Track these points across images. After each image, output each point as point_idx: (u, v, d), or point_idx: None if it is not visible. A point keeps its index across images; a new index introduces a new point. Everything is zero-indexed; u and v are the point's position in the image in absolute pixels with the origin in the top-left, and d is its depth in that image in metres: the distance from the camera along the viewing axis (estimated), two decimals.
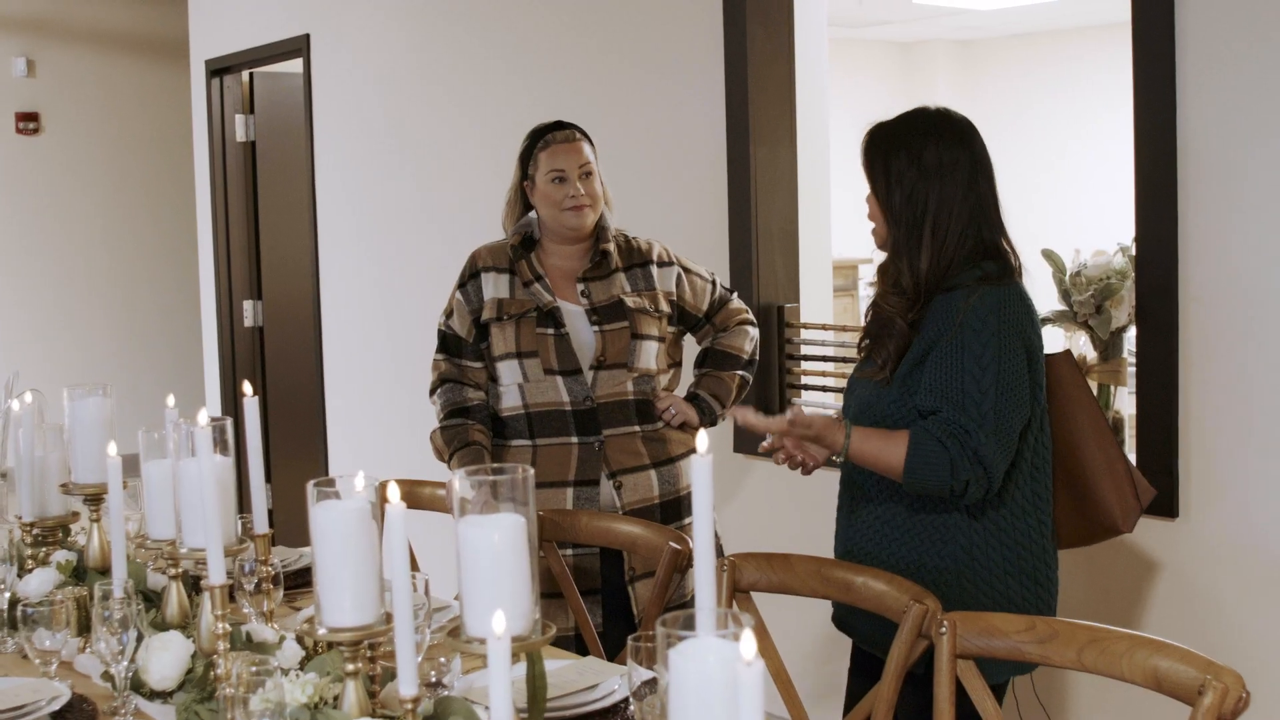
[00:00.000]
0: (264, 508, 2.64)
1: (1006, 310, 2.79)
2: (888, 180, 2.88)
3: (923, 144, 2.87)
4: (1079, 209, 10.08)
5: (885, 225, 2.91)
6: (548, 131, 3.67)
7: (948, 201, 2.84)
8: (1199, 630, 3.52)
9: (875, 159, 2.92)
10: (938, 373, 2.79)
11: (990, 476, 2.76)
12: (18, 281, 9.56)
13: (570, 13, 5.31)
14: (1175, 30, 3.48)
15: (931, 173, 2.85)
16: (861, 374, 2.98)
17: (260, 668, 2.05)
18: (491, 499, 1.91)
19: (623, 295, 3.63)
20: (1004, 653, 2.43)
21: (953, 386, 2.77)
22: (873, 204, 2.94)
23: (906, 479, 2.80)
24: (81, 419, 3.13)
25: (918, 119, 2.94)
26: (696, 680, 1.40)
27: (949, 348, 2.78)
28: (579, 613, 3.33)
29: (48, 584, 2.93)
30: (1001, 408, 2.75)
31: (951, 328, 2.79)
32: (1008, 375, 2.77)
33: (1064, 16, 10.58)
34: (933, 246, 2.84)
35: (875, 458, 2.84)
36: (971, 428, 2.74)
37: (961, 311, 2.78)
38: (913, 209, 2.85)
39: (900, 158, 2.87)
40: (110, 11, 9.84)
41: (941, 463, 2.74)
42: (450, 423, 3.62)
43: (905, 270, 2.87)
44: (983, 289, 2.80)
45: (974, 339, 2.77)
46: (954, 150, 2.87)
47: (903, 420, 2.85)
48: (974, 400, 2.75)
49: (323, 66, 6.81)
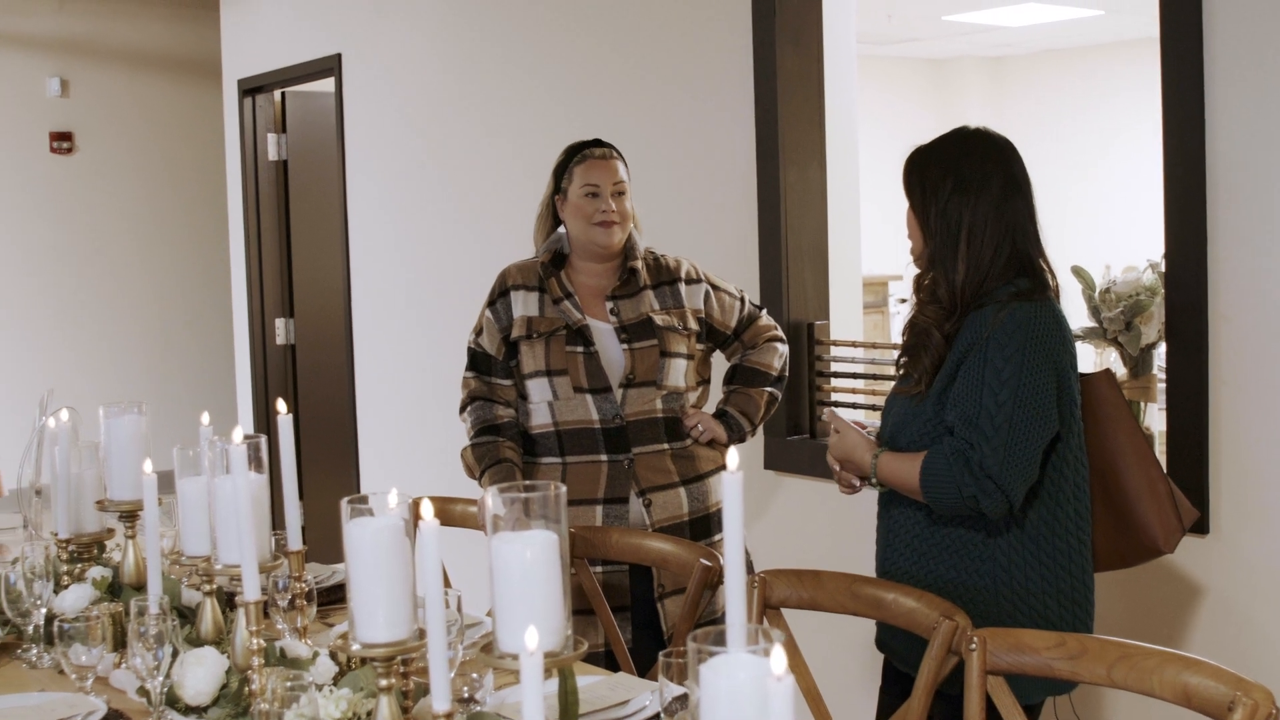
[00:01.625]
0: (297, 524, 2.66)
1: (1035, 326, 2.80)
2: (924, 195, 2.92)
3: (959, 160, 2.89)
4: (1109, 225, 10.06)
5: (922, 239, 2.94)
6: (585, 147, 3.70)
7: (982, 216, 2.86)
8: (1230, 647, 3.51)
9: (913, 175, 2.95)
10: (960, 388, 2.81)
11: (1005, 491, 2.76)
12: (51, 300, 9.63)
13: (601, 32, 5.33)
14: (1204, 46, 3.47)
15: (966, 188, 2.87)
16: (900, 390, 3.00)
17: (295, 683, 2.07)
18: (524, 515, 1.92)
19: (651, 313, 3.64)
20: (1034, 669, 2.43)
21: (970, 401, 2.78)
22: (911, 220, 2.97)
23: (925, 499, 2.84)
24: (117, 436, 3.16)
25: (956, 137, 2.98)
26: (728, 696, 1.41)
27: (974, 363, 2.80)
28: (610, 629, 3.34)
29: (83, 600, 2.96)
30: (1017, 422, 2.75)
31: (979, 343, 2.80)
32: (1027, 390, 2.76)
33: (1094, 33, 10.58)
34: (968, 259, 2.86)
35: (900, 480, 2.90)
36: (977, 441, 2.75)
37: (990, 326, 2.80)
38: (947, 222, 2.88)
39: (935, 173, 2.90)
40: (143, 32, 9.92)
41: (948, 480, 2.78)
42: (481, 440, 3.63)
43: (942, 282, 2.89)
44: (1014, 305, 2.81)
45: (997, 353, 2.78)
46: (988, 166, 2.89)
47: (936, 437, 2.87)
48: (988, 414, 2.76)
49: (354, 86, 6.85)
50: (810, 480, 4.60)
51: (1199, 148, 3.50)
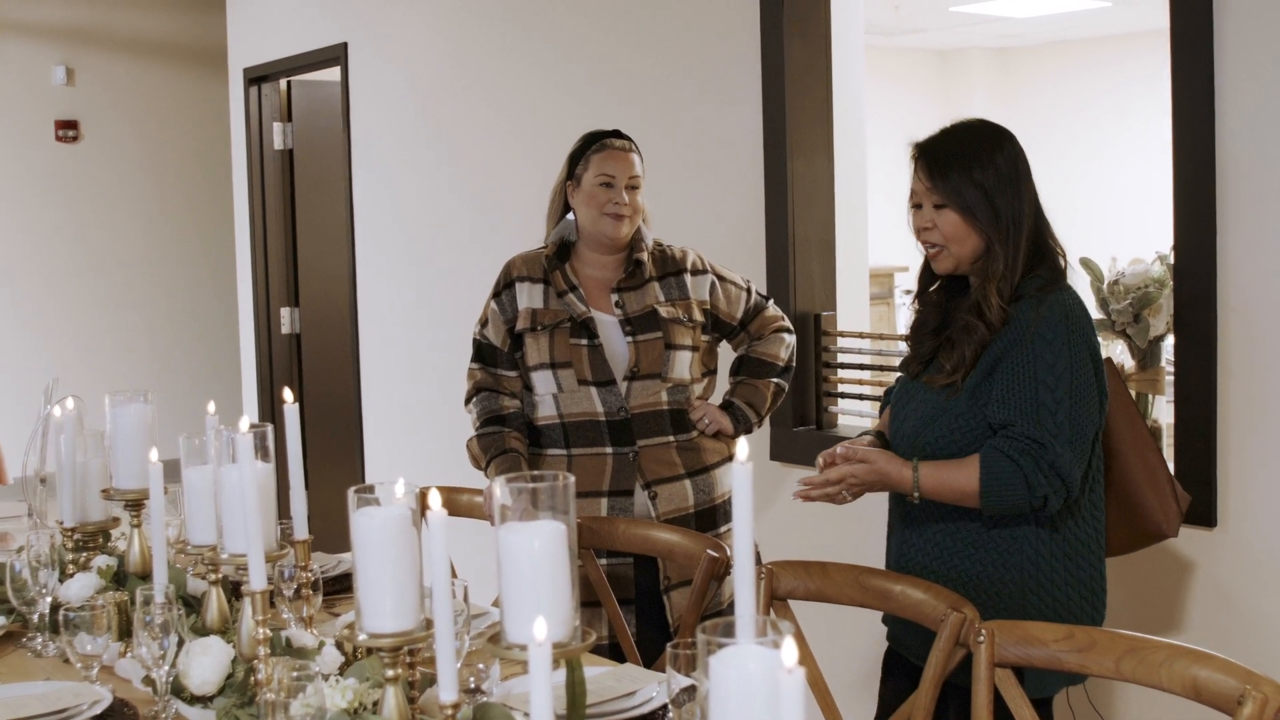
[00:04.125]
0: (304, 514, 2.65)
1: (1074, 318, 2.81)
2: (966, 193, 2.86)
3: (991, 153, 2.88)
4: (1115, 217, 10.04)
5: (982, 242, 2.88)
6: (605, 136, 3.69)
7: (1028, 208, 2.87)
8: (1238, 640, 3.50)
9: (949, 173, 2.88)
10: (1010, 384, 2.79)
11: (1069, 486, 2.76)
12: (56, 288, 9.63)
13: (609, 23, 5.32)
14: (1214, 38, 3.46)
15: (1008, 179, 2.86)
16: (929, 380, 2.95)
17: (302, 673, 2.06)
18: (530, 506, 1.91)
19: (656, 305, 3.63)
20: (1042, 661, 2.43)
21: (1026, 398, 2.76)
22: (957, 223, 2.89)
23: (985, 503, 2.78)
24: (123, 425, 3.15)
25: (974, 131, 2.95)
26: (737, 687, 1.41)
27: (1022, 359, 2.78)
28: (616, 620, 3.33)
29: (88, 589, 2.95)
30: (1075, 417, 2.76)
31: (1022, 339, 2.79)
32: (1080, 384, 2.77)
33: (1101, 24, 10.56)
34: (1025, 251, 2.85)
35: (949, 489, 2.83)
36: (1046, 440, 2.74)
37: (1033, 322, 2.79)
38: (1015, 220, 2.85)
39: (977, 170, 2.86)
40: (149, 20, 9.91)
41: (1016, 481, 2.74)
42: (487, 431, 3.63)
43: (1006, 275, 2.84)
44: (1049, 298, 2.82)
45: (1046, 349, 2.77)
46: (1014, 156, 2.89)
47: (971, 432, 2.85)
48: (1049, 411, 2.75)
49: (360, 74, 6.84)
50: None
51: (1209, 139, 3.49)
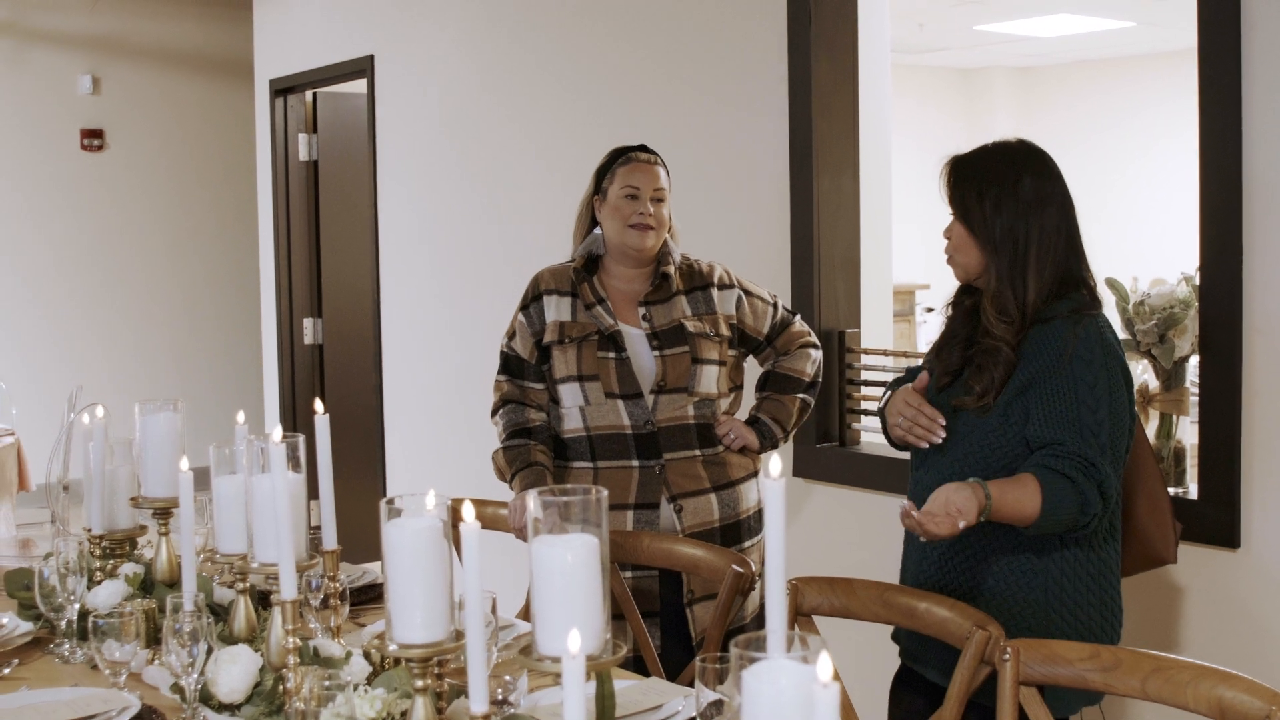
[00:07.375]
0: (333, 524, 2.66)
1: (1106, 341, 2.84)
2: (984, 211, 2.88)
3: (1017, 176, 2.88)
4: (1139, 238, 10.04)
5: (982, 256, 2.90)
6: (630, 150, 3.71)
7: (1048, 232, 2.87)
8: (1261, 661, 3.50)
9: (968, 190, 2.91)
10: (1053, 405, 2.79)
11: (1108, 506, 2.78)
12: (81, 297, 9.67)
13: (636, 39, 5.34)
14: (1242, 57, 3.47)
15: (1030, 204, 2.86)
16: (958, 402, 2.94)
17: (332, 683, 2.08)
18: (563, 519, 1.93)
19: (683, 319, 3.64)
20: (1067, 680, 2.43)
21: (1069, 418, 2.77)
22: (962, 235, 2.93)
23: (1042, 521, 2.74)
24: (152, 434, 3.16)
25: (1006, 151, 2.95)
26: (770, 702, 1.41)
27: (1062, 380, 2.79)
28: (640, 634, 3.34)
29: (116, 596, 2.97)
30: (1115, 437, 2.79)
31: (1060, 360, 2.80)
32: (1117, 405, 2.80)
33: (1125, 44, 10.56)
34: (1038, 276, 2.86)
35: (1015, 511, 2.74)
36: (1095, 458, 2.74)
37: (1070, 344, 2.80)
38: (1014, 239, 2.86)
39: (996, 190, 2.87)
40: (175, 30, 9.96)
41: (1072, 499, 2.73)
42: (512, 443, 3.64)
43: (1011, 299, 2.86)
44: (1085, 320, 2.83)
45: (1085, 370, 2.79)
46: (1047, 183, 2.89)
47: (1005, 450, 2.85)
48: (1091, 431, 2.76)
49: (386, 87, 6.87)
50: (840, 488, 4.60)
51: (1235, 160, 3.49)
